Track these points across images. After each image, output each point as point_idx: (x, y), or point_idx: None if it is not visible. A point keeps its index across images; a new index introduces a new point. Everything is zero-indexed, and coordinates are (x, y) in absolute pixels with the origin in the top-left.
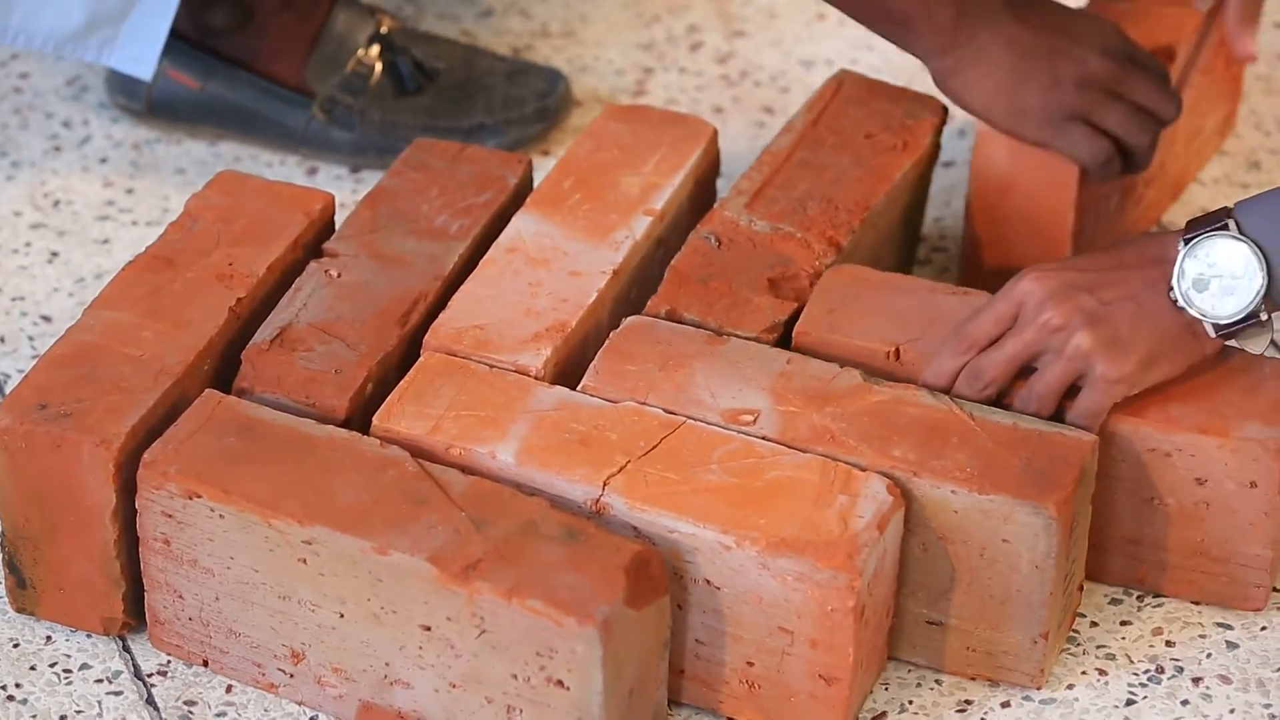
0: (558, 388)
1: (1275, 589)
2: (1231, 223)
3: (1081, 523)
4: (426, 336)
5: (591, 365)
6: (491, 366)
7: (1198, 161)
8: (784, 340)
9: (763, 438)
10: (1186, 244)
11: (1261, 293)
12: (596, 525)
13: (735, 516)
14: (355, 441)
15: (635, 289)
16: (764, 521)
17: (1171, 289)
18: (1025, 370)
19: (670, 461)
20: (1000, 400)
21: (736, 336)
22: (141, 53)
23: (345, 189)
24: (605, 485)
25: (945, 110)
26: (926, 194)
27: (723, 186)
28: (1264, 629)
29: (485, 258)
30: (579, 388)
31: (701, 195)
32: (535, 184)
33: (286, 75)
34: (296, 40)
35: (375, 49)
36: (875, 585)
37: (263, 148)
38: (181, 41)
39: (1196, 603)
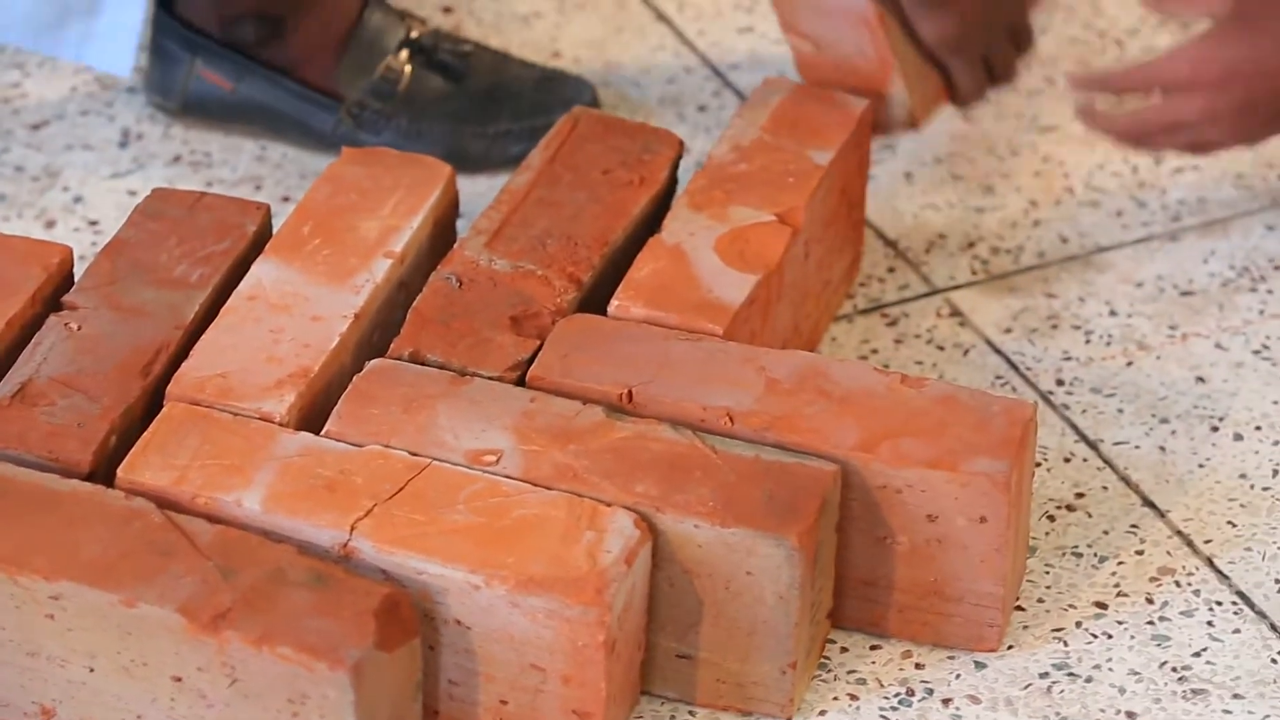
0: (302, 433)
1: (1020, 607)
2: None
3: (826, 552)
4: (169, 386)
5: (335, 409)
6: (235, 414)
7: (829, 313)
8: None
9: (507, 477)
10: None
11: None
12: (345, 570)
13: (483, 556)
14: (100, 495)
15: (377, 332)
16: (512, 560)
17: None
18: None
19: (417, 503)
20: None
21: (480, 376)
22: (119, 49)
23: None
24: (352, 529)
25: (681, 144)
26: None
27: (462, 227)
28: (1011, 648)
29: (226, 306)
30: (323, 432)
31: (441, 236)
32: (274, 230)
33: (316, 78)
34: (327, 44)
35: (405, 54)
36: (625, 619)
37: (294, 145)
38: (214, 41)
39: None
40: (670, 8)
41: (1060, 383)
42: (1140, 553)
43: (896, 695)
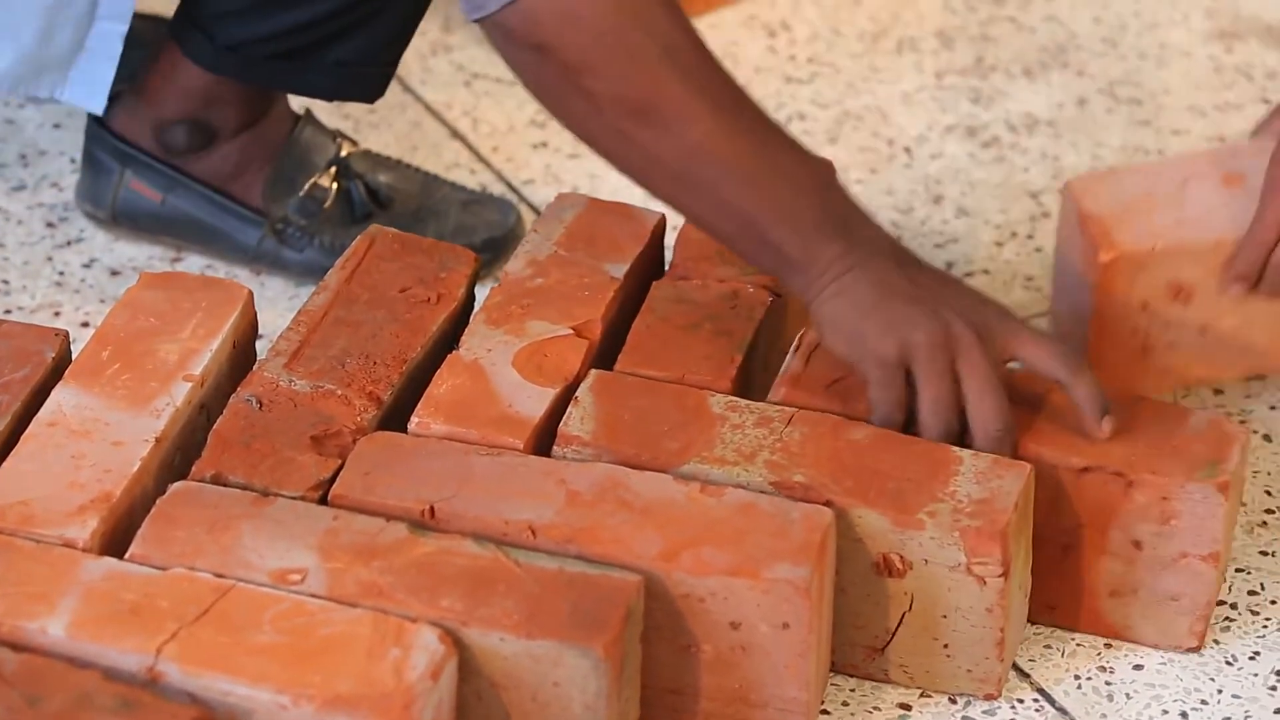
0: (106, 558)
1: (825, 711)
2: None
3: (631, 662)
4: None
5: (139, 533)
6: (38, 541)
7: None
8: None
9: (312, 595)
10: None
11: None
12: (152, 694)
13: (289, 675)
14: None
15: (179, 455)
16: (318, 679)
17: None
18: None
19: (222, 625)
20: None
21: (283, 496)
22: (92, 88)
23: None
24: (158, 653)
25: (478, 260)
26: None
27: (261, 348)
28: None
29: (26, 433)
30: (127, 556)
31: (240, 358)
32: (74, 356)
33: (244, 194)
34: (256, 161)
35: (331, 172)
36: None
37: (220, 258)
38: (145, 154)
39: None
40: (465, 125)
41: None
42: None
43: None
